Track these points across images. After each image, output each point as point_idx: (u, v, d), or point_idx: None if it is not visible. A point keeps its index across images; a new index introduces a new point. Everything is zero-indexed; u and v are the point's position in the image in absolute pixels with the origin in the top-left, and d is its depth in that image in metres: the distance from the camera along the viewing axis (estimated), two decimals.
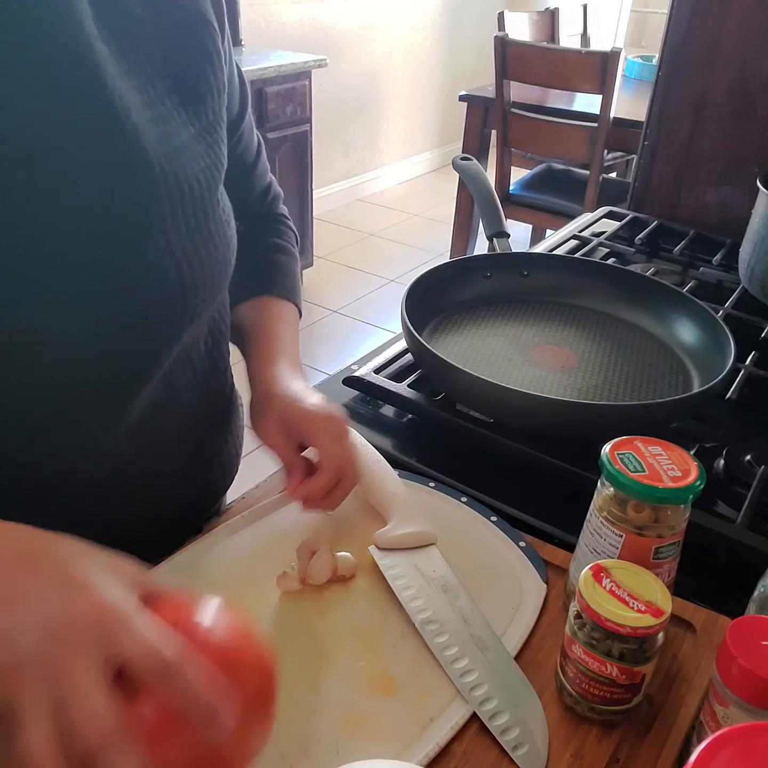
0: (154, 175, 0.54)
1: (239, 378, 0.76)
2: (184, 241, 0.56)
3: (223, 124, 0.64)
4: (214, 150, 0.61)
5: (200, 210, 0.58)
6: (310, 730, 0.50)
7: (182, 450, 0.68)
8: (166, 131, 0.56)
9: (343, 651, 0.56)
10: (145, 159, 0.53)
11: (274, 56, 2.82)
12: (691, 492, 0.53)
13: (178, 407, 0.65)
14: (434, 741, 0.49)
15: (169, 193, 0.55)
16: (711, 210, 1.31)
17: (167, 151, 0.55)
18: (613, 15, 5.05)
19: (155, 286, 0.55)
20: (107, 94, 0.51)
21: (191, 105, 0.59)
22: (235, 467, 0.80)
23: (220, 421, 0.75)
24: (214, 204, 0.60)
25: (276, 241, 0.82)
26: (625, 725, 0.52)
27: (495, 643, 0.56)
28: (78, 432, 0.57)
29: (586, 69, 2.47)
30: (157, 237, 0.54)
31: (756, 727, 0.33)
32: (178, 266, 0.56)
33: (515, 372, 0.84)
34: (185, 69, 0.59)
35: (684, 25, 1.22)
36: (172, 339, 0.59)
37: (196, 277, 0.58)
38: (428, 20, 4.40)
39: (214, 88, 0.62)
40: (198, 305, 0.60)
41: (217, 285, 0.62)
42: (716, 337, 0.84)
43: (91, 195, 0.51)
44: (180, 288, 0.57)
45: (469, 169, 1.10)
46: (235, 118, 0.71)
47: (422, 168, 4.84)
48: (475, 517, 0.68)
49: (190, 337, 0.62)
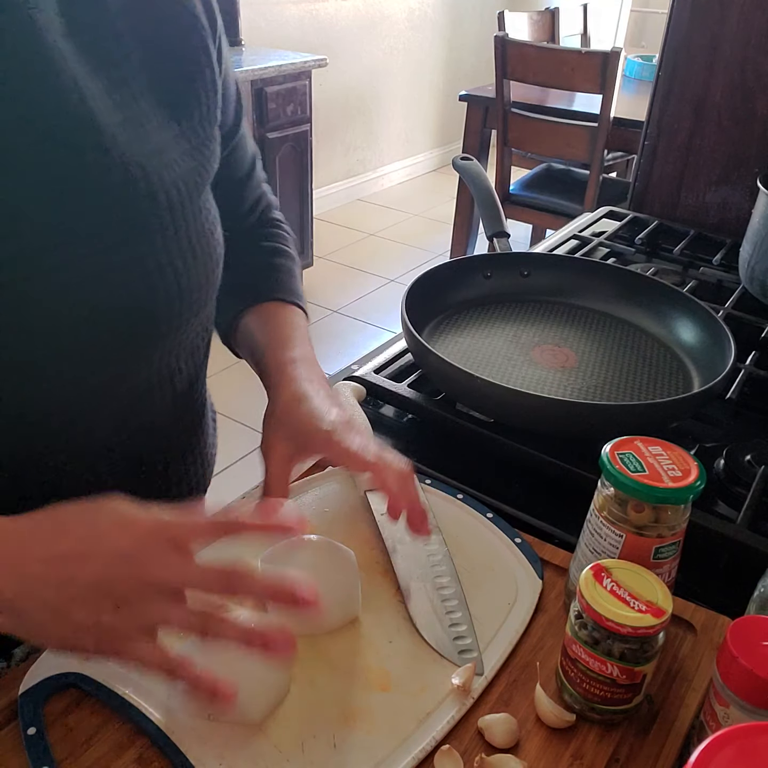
0: (122, 179, 0.52)
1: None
2: (158, 253, 0.54)
3: (214, 123, 0.61)
4: (200, 152, 0.58)
5: (180, 219, 0.56)
6: (306, 724, 0.50)
7: (153, 467, 0.66)
8: (141, 132, 0.53)
9: (340, 646, 0.56)
10: (113, 161, 0.51)
11: (274, 56, 2.82)
12: (691, 492, 0.53)
13: (152, 425, 0.63)
14: (431, 735, 0.49)
15: (140, 200, 0.53)
16: (711, 210, 1.31)
17: (141, 154, 0.53)
18: (613, 15, 5.05)
19: (126, 297, 0.53)
20: (66, 95, 0.48)
21: (173, 104, 0.56)
22: (203, 486, 0.77)
23: (191, 439, 0.73)
24: (196, 212, 0.58)
25: (273, 244, 0.79)
26: (625, 725, 0.52)
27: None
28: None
29: (586, 69, 2.47)
30: (129, 246, 0.52)
31: (756, 727, 0.33)
32: (148, 278, 0.54)
33: (515, 372, 0.84)
34: (166, 66, 0.56)
35: (684, 25, 1.22)
36: (143, 355, 0.58)
37: (170, 290, 0.55)
38: (428, 20, 4.40)
39: (200, 86, 0.59)
40: (173, 320, 0.57)
41: (197, 299, 0.59)
42: (716, 337, 0.84)
43: (53, 197, 0.49)
44: (152, 300, 0.55)
45: (469, 169, 1.10)
46: (228, 131, 0.68)
47: (422, 168, 4.84)
48: (471, 513, 0.68)
49: (166, 356, 0.60)
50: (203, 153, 0.59)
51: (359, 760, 0.48)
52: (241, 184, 0.75)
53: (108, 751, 0.48)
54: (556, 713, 0.51)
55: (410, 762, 0.48)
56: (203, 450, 0.75)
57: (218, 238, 0.62)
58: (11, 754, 0.47)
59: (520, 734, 0.51)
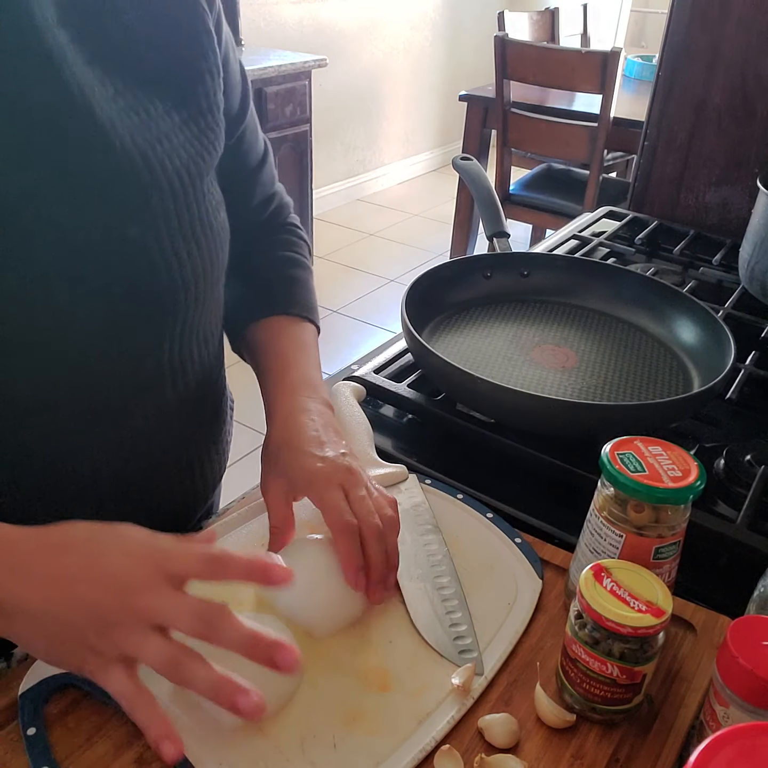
0: (125, 168, 0.52)
1: (232, 380, 0.74)
2: (162, 242, 0.55)
3: (218, 109, 0.60)
4: (205, 137, 0.58)
5: (183, 206, 0.56)
6: (306, 724, 0.50)
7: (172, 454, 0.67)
8: (141, 121, 0.53)
9: (340, 646, 0.56)
10: (113, 150, 0.51)
11: (273, 56, 2.82)
12: (691, 492, 0.53)
13: (170, 414, 0.63)
14: (431, 735, 0.50)
15: (144, 190, 0.53)
16: (711, 210, 1.31)
17: (143, 143, 0.53)
18: (613, 15, 5.05)
19: (143, 281, 0.54)
20: (63, 84, 0.49)
21: (174, 92, 0.56)
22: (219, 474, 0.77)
23: (209, 429, 0.73)
24: (199, 197, 0.58)
25: (289, 254, 0.77)
26: (625, 725, 0.52)
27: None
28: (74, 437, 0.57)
29: (586, 69, 2.47)
30: (133, 235, 0.53)
31: (756, 727, 0.33)
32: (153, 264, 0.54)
33: (515, 372, 0.84)
34: (167, 53, 0.56)
35: (684, 25, 1.22)
36: (164, 338, 0.58)
37: (174, 276, 0.56)
38: (428, 20, 4.40)
39: (205, 71, 0.58)
40: (180, 310, 0.58)
41: (208, 281, 0.60)
42: (716, 337, 0.84)
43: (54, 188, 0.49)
44: (156, 287, 0.55)
45: (469, 169, 1.10)
46: (235, 115, 0.67)
47: (422, 168, 4.84)
48: (471, 513, 0.68)
49: (183, 338, 0.61)
50: (207, 137, 0.59)
51: (359, 760, 0.48)
52: (251, 177, 0.73)
53: (108, 751, 0.48)
54: (556, 713, 0.51)
55: (410, 762, 0.48)
56: (219, 438, 0.75)
57: (222, 222, 0.62)
58: (11, 754, 0.47)
59: (520, 734, 0.51)
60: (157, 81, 0.55)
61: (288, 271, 0.76)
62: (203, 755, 0.47)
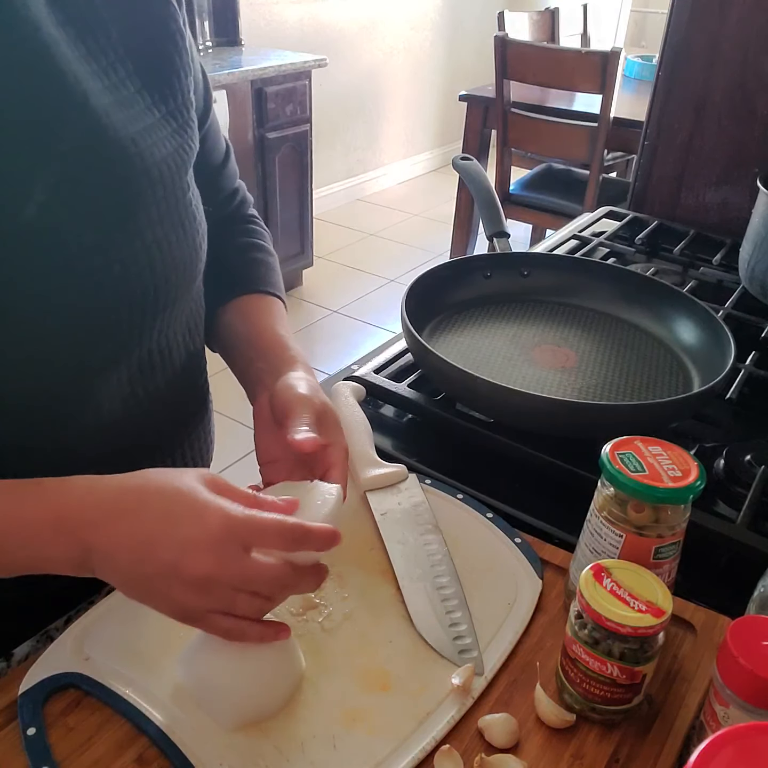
0: (119, 155, 0.53)
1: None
2: (155, 226, 0.56)
3: (191, 107, 0.63)
4: (184, 132, 0.61)
5: (171, 194, 0.58)
6: (306, 724, 0.50)
7: (154, 448, 0.67)
8: (130, 114, 0.55)
9: (340, 646, 0.56)
10: (109, 139, 0.53)
11: (274, 56, 2.82)
12: (691, 492, 0.53)
13: (153, 404, 0.64)
14: (431, 735, 0.50)
15: (137, 176, 0.55)
16: (711, 210, 1.31)
17: (133, 133, 0.55)
18: (613, 15, 5.05)
19: (127, 270, 0.55)
20: (60, 77, 0.50)
21: (156, 88, 0.59)
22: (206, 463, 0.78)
23: (192, 423, 0.73)
24: (184, 188, 0.60)
25: (249, 240, 0.79)
26: (625, 725, 0.52)
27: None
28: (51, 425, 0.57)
29: (586, 69, 2.47)
30: (128, 221, 0.54)
31: (756, 727, 0.33)
32: (148, 251, 0.56)
33: (515, 372, 0.84)
34: (148, 51, 0.58)
35: (684, 25, 1.22)
36: (145, 326, 0.59)
37: (166, 262, 0.58)
38: (428, 20, 4.40)
39: (180, 69, 0.61)
40: (171, 291, 0.59)
41: (189, 271, 0.61)
42: (716, 337, 0.84)
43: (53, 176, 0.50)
44: (150, 273, 0.56)
45: (469, 169, 1.10)
46: (200, 116, 0.69)
47: (422, 168, 4.84)
48: (471, 513, 0.68)
49: (165, 328, 0.62)
50: (186, 132, 0.61)
51: (359, 760, 0.48)
52: (216, 173, 0.76)
53: (108, 751, 0.48)
54: (556, 713, 0.51)
55: (410, 762, 0.48)
56: (206, 427, 0.76)
57: (202, 214, 0.64)
58: (11, 754, 0.47)
59: (520, 734, 0.51)
60: (140, 76, 0.58)
61: (250, 255, 0.78)
62: (203, 755, 0.47)
